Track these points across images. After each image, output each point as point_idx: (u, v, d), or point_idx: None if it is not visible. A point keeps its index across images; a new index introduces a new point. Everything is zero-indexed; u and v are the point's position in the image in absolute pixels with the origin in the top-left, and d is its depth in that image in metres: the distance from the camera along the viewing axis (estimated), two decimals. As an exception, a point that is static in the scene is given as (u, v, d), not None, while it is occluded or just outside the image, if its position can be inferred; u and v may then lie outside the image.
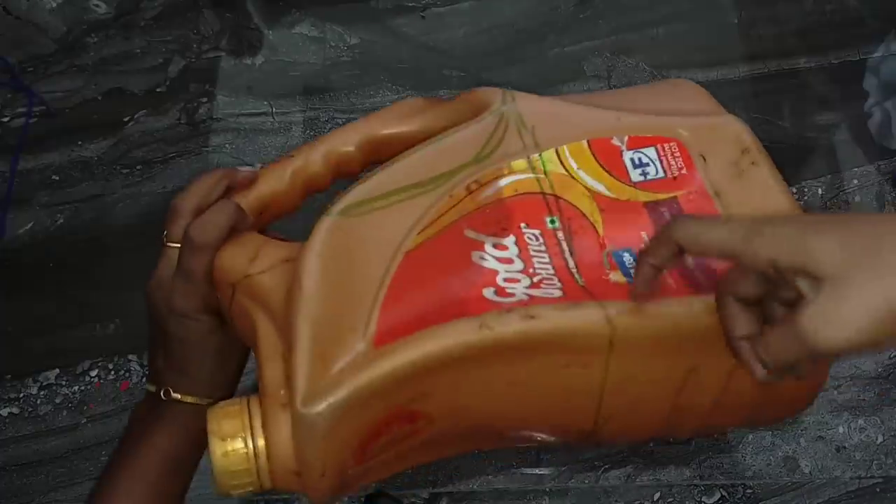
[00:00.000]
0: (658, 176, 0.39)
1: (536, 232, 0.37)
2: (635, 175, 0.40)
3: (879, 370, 0.64)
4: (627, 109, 0.42)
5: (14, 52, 0.79)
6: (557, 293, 0.35)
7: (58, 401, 0.66)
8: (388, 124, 0.44)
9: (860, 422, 0.62)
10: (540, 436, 0.40)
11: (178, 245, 0.40)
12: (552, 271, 0.36)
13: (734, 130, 0.41)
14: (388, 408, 0.33)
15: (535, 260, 0.36)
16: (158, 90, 0.78)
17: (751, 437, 0.61)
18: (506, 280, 0.36)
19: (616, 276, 0.36)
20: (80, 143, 0.75)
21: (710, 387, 0.37)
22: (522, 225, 0.38)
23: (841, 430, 0.62)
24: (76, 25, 0.80)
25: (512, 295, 0.35)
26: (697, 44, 0.78)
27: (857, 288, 0.24)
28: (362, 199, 0.37)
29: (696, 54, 0.77)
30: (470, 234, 0.37)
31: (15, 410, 0.66)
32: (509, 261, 0.36)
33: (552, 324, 0.33)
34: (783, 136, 0.74)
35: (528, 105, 0.42)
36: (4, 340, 0.68)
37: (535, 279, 0.36)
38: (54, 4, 0.81)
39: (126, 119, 0.76)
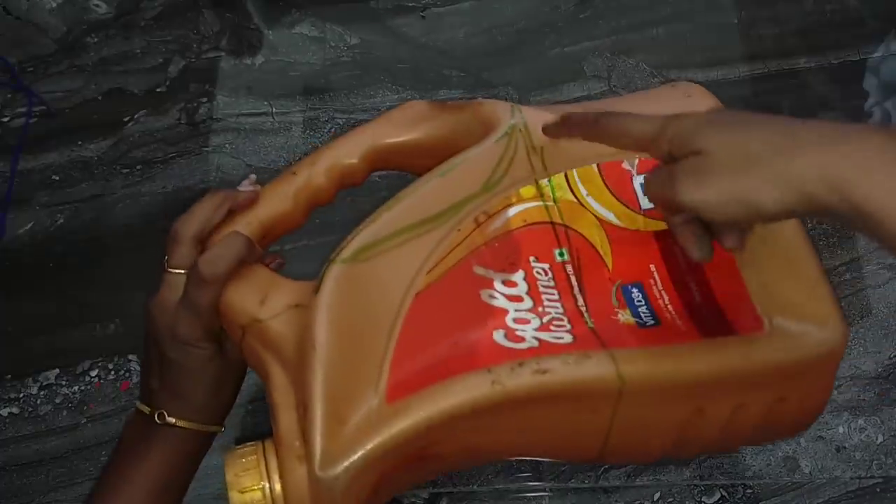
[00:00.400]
0: None
1: (545, 266, 0.37)
2: (645, 202, 0.39)
3: (879, 370, 0.64)
4: None
5: (14, 52, 0.79)
6: (567, 337, 0.35)
7: (58, 401, 0.66)
8: (392, 133, 0.43)
9: (860, 422, 0.62)
10: (544, 460, 0.40)
11: (180, 271, 0.40)
12: (561, 310, 0.36)
13: None
14: (402, 457, 0.33)
15: (544, 297, 0.36)
16: (158, 90, 0.78)
17: (751, 437, 0.61)
18: (515, 321, 0.35)
19: (625, 316, 0.36)
20: (80, 143, 0.75)
21: (715, 421, 0.36)
22: (531, 259, 0.37)
23: (841, 430, 0.62)
24: (76, 25, 0.80)
25: (522, 339, 0.34)
26: (697, 44, 0.78)
27: (718, 171, 0.29)
28: (370, 242, 0.37)
29: (696, 54, 0.77)
30: (479, 270, 0.37)
31: (15, 410, 0.66)
32: (518, 298, 0.36)
33: (563, 377, 0.33)
34: (783, 136, 0.74)
35: (537, 123, 0.41)
36: (4, 340, 0.68)
37: (545, 319, 0.35)
38: (54, 4, 0.81)
39: (126, 119, 0.76)
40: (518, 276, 0.36)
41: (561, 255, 0.37)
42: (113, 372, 0.66)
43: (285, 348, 0.35)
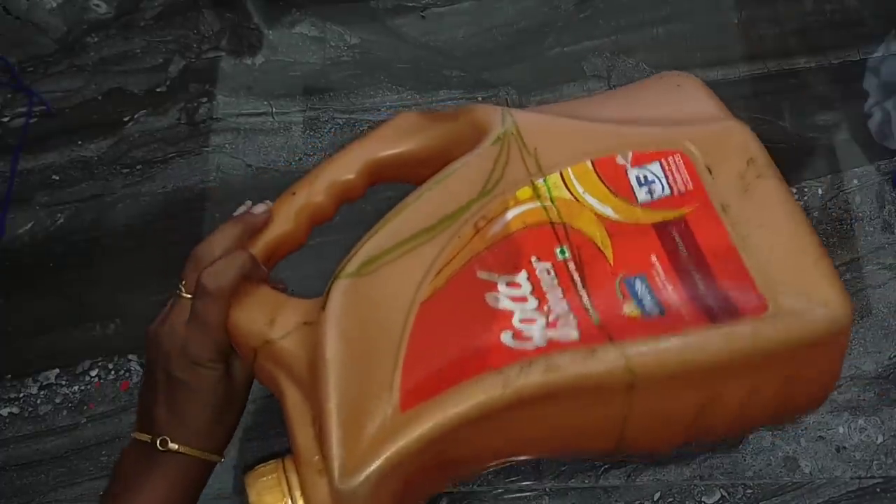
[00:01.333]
0: (664, 194, 0.39)
1: (548, 265, 0.37)
2: (642, 194, 0.39)
3: (879, 370, 0.64)
4: (629, 120, 0.42)
5: (14, 52, 0.79)
6: (574, 334, 0.35)
7: (58, 401, 0.66)
8: (387, 146, 0.44)
9: (860, 422, 0.62)
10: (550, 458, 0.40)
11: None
12: (566, 307, 0.36)
13: (740, 140, 0.41)
14: (420, 464, 0.34)
15: (548, 295, 0.37)
16: (158, 90, 0.78)
17: (751, 437, 0.61)
18: (522, 321, 0.36)
19: (630, 308, 0.36)
20: (80, 143, 0.75)
21: (730, 407, 0.37)
22: (533, 259, 0.38)
23: (841, 430, 0.62)
24: (76, 25, 0.80)
25: (529, 339, 0.35)
26: (697, 44, 0.78)
27: None
28: (372, 255, 0.37)
29: (696, 54, 0.77)
30: (482, 275, 0.37)
31: (15, 410, 0.66)
32: (523, 299, 0.36)
33: (572, 374, 0.33)
34: (783, 136, 0.74)
35: (529, 125, 0.41)
36: (4, 340, 0.68)
37: (551, 318, 0.36)
38: (54, 4, 0.81)
39: (126, 119, 0.76)
40: (521, 277, 0.37)
41: (562, 252, 0.38)
42: (113, 372, 0.66)
43: (297, 366, 0.36)
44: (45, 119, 0.77)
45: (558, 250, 0.37)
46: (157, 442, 0.40)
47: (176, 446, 0.40)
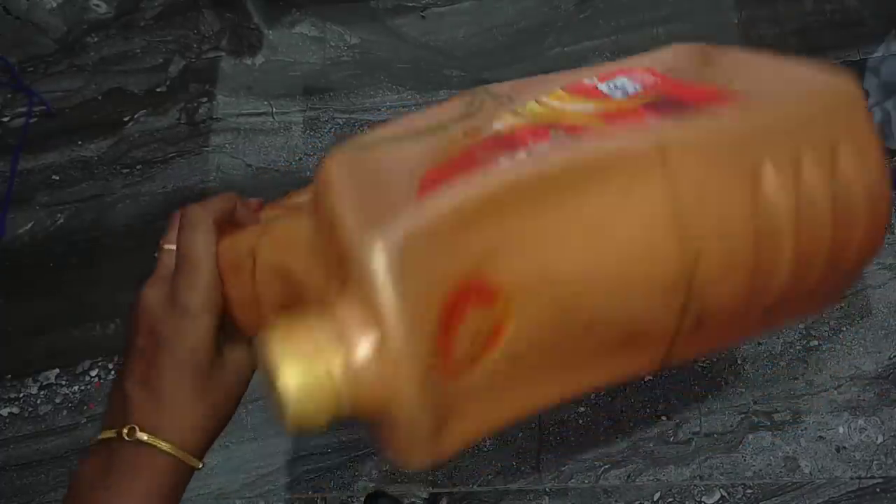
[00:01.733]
0: (638, 90, 0.41)
1: (545, 144, 0.39)
2: (617, 94, 0.41)
3: (879, 370, 0.64)
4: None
5: (14, 52, 0.79)
6: None
7: (58, 401, 0.66)
8: None
9: (860, 422, 0.62)
10: (638, 331, 0.37)
11: (174, 247, 0.37)
12: None
13: (692, 48, 0.44)
14: (455, 268, 0.31)
15: None
16: (158, 90, 0.78)
17: (751, 437, 0.61)
18: None
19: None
20: (80, 143, 0.75)
21: (784, 194, 0.37)
22: (530, 142, 0.39)
23: (841, 430, 0.62)
24: (76, 25, 0.80)
25: None
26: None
27: None
28: (367, 142, 0.38)
29: (696, 54, 0.78)
30: (482, 155, 0.38)
31: (15, 410, 0.66)
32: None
33: (596, 146, 0.34)
34: (783, 136, 0.74)
35: (496, 86, 0.44)
36: (4, 340, 0.68)
37: None
38: (54, 4, 0.81)
39: (126, 119, 0.76)
40: (521, 153, 0.38)
41: (556, 133, 0.39)
42: (113, 372, 0.66)
43: (302, 233, 0.34)
44: (45, 119, 0.77)
45: (552, 132, 0.39)
46: (124, 432, 0.32)
47: (145, 436, 0.33)
